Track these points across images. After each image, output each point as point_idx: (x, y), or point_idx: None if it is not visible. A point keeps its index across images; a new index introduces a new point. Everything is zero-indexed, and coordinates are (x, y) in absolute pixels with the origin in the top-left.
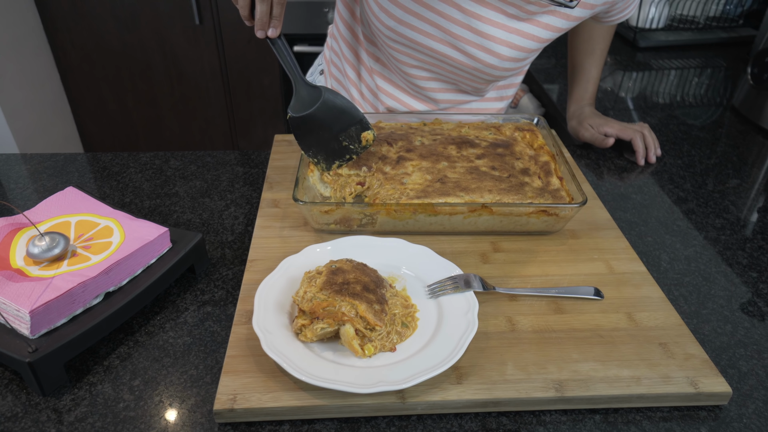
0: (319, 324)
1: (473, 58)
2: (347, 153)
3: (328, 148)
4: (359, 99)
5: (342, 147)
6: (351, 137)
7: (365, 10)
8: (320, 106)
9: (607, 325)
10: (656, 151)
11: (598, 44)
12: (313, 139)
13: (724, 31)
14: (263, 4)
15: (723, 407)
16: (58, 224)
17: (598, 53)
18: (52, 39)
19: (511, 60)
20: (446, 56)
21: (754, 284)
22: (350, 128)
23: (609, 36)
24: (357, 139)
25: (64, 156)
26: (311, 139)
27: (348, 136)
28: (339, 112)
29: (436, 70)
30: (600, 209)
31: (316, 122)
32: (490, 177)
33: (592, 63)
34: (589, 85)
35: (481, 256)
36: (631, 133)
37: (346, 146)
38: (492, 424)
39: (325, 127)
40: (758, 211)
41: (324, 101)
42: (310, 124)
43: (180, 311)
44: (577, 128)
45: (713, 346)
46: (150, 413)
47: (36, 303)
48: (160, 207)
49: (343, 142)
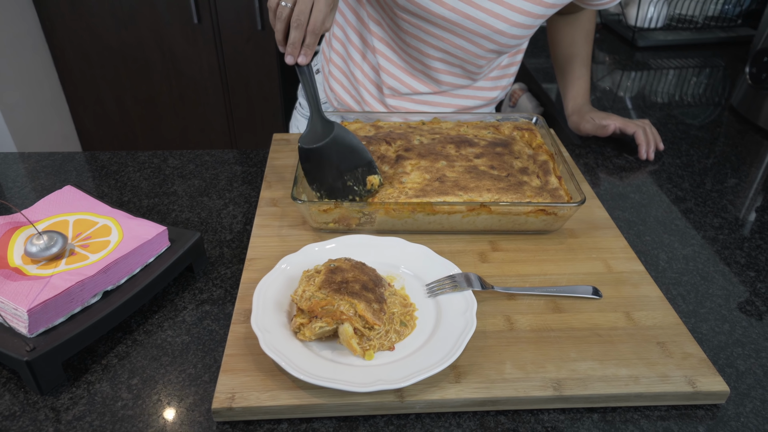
0: (318, 323)
1: (483, 24)
2: (350, 194)
3: (332, 186)
4: (363, 79)
5: (346, 187)
6: (357, 179)
7: None
8: (330, 141)
9: (605, 324)
10: (658, 146)
11: (581, 47)
12: (319, 173)
13: (723, 31)
14: (297, 31)
15: (721, 406)
16: (56, 223)
17: (583, 54)
18: (50, 37)
19: (519, 26)
20: (456, 24)
21: (752, 283)
22: (357, 169)
23: (590, 38)
24: (362, 182)
25: (62, 155)
26: (317, 173)
27: (354, 177)
28: (348, 150)
29: (443, 44)
30: (598, 208)
31: (324, 157)
32: (489, 176)
33: (580, 64)
34: (582, 83)
35: (479, 255)
36: (634, 127)
37: (350, 187)
38: (490, 422)
39: (332, 164)
40: (756, 211)
41: (335, 137)
42: (317, 158)
43: (178, 310)
44: (579, 122)
45: (711, 345)
46: (148, 412)
47: (34, 302)
48: (159, 206)
49: (347, 182)
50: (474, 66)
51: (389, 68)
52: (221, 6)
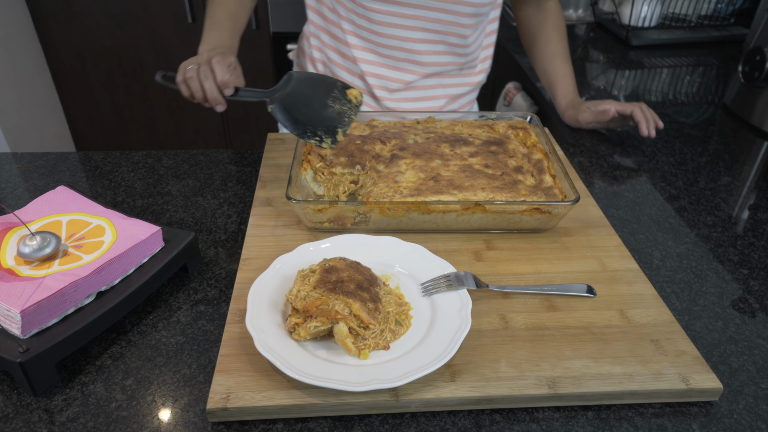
0: (313, 322)
1: None
2: (344, 116)
3: (322, 118)
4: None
5: (336, 112)
6: (338, 100)
7: None
8: (294, 84)
9: (599, 322)
10: (657, 123)
11: (557, 45)
12: (303, 116)
13: (716, 30)
14: (208, 82)
15: (714, 403)
16: (50, 223)
17: (562, 51)
18: (43, 37)
19: None
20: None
21: (745, 281)
22: (333, 92)
23: (563, 33)
24: (346, 100)
25: (56, 155)
26: (301, 117)
27: (335, 100)
28: (314, 83)
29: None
30: (593, 207)
31: (297, 100)
32: (484, 175)
33: (562, 61)
34: (568, 79)
35: (474, 254)
36: (631, 107)
37: (339, 109)
38: (485, 421)
39: (308, 102)
40: (749, 209)
41: (296, 79)
42: (292, 105)
43: (173, 310)
44: (576, 114)
45: (704, 343)
46: (143, 413)
47: (27, 303)
48: (153, 206)
49: (334, 107)
50: (458, 38)
51: (373, 70)
52: None
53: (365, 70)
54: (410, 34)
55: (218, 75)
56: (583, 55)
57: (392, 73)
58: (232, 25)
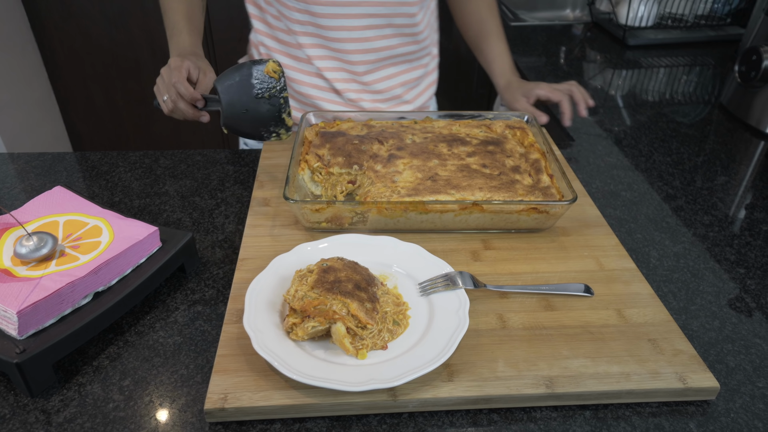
0: (311, 322)
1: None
2: (277, 99)
3: (264, 117)
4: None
5: (268, 102)
6: (263, 86)
7: None
8: (224, 97)
9: (596, 321)
10: (587, 102)
11: (491, 23)
12: (249, 125)
13: (712, 30)
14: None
15: (711, 402)
16: (46, 224)
17: (495, 30)
18: (39, 37)
19: None
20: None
21: (742, 280)
22: (253, 80)
23: (495, 10)
24: (268, 81)
25: (52, 155)
26: (248, 129)
27: (262, 89)
28: (236, 85)
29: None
30: (590, 206)
31: (236, 113)
32: (481, 175)
33: (496, 40)
34: (504, 58)
35: (471, 254)
36: (560, 96)
37: (270, 95)
38: (483, 420)
39: (245, 108)
40: (746, 208)
41: (223, 91)
42: (236, 121)
43: (170, 311)
44: (511, 102)
45: (701, 342)
46: (140, 413)
47: (24, 303)
48: (150, 206)
49: (265, 97)
50: (405, 18)
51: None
52: (213, 6)
53: (321, 67)
54: (357, 22)
55: (185, 95)
56: (580, 55)
57: (346, 65)
58: (189, 26)
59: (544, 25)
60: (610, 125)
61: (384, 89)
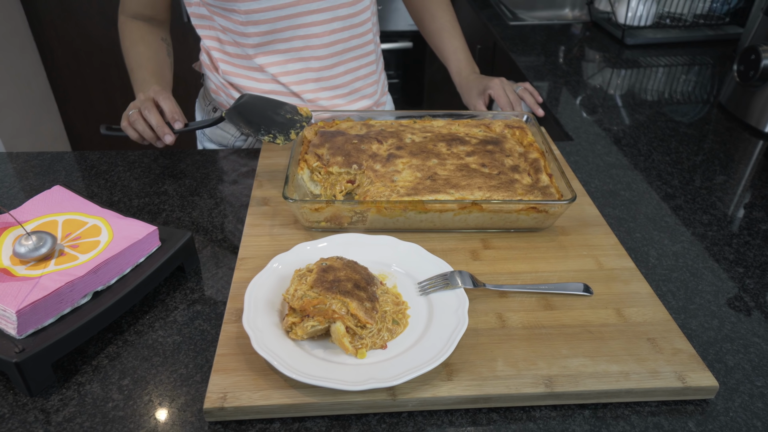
0: (310, 322)
1: None
2: (296, 123)
3: (275, 123)
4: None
5: (287, 119)
6: (289, 112)
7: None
8: (248, 98)
9: (596, 320)
10: (537, 100)
11: (443, 20)
12: (257, 118)
13: (711, 29)
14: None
15: (710, 401)
16: (45, 223)
17: (449, 26)
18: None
19: None
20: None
21: (741, 279)
22: (285, 107)
23: (448, 6)
24: (296, 113)
25: (51, 154)
26: (255, 119)
27: (287, 112)
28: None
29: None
30: (589, 206)
31: (251, 108)
32: (480, 174)
33: (449, 37)
34: (459, 54)
35: (471, 253)
36: (506, 106)
37: (291, 118)
38: (482, 420)
39: (261, 111)
40: (744, 207)
41: (249, 96)
42: (246, 110)
43: (169, 310)
44: (468, 101)
45: (700, 341)
46: (139, 413)
47: (23, 303)
48: (149, 205)
49: (286, 115)
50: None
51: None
52: None
53: (274, 73)
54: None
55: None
56: (579, 55)
57: (298, 65)
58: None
59: (542, 24)
60: (609, 124)
61: (337, 85)
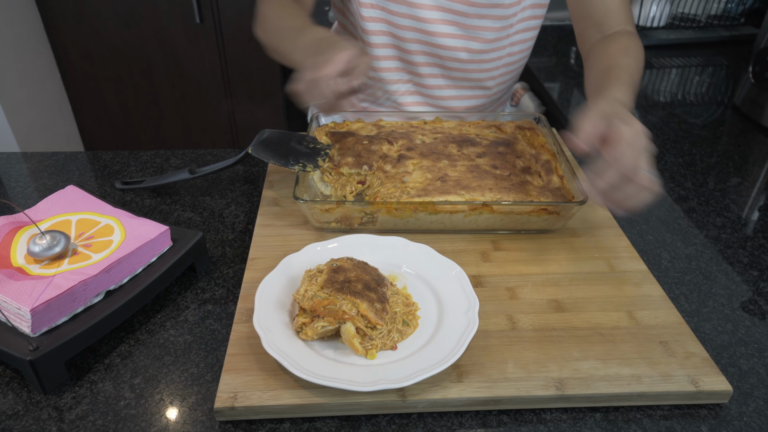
0: (320, 322)
1: None
2: (320, 150)
3: (300, 154)
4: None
5: (311, 149)
6: (312, 141)
7: None
8: (269, 134)
9: (607, 323)
10: None
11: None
12: (284, 150)
13: (726, 30)
14: None
15: (724, 406)
16: (59, 223)
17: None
18: (52, 37)
19: None
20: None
21: (755, 283)
22: (306, 137)
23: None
24: (318, 142)
25: (65, 154)
26: (282, 151)
27: (310, 141)
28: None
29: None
30: (600, 207)
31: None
32: (491, 175)
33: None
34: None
35: (481, 255)
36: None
37: (314, 147)
38: (492, 422)
39: (285, 144)
40: (759, 210)
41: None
42: (271, 144)
43: (181, 309)
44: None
45: (714, 345)
46: (151, 411)
47: (37, 301)
48: (161, 205)
49: (308, 146)
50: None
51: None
52: (223, 5)
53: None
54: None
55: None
56: None
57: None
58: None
59: (554, 25)
60: None
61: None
